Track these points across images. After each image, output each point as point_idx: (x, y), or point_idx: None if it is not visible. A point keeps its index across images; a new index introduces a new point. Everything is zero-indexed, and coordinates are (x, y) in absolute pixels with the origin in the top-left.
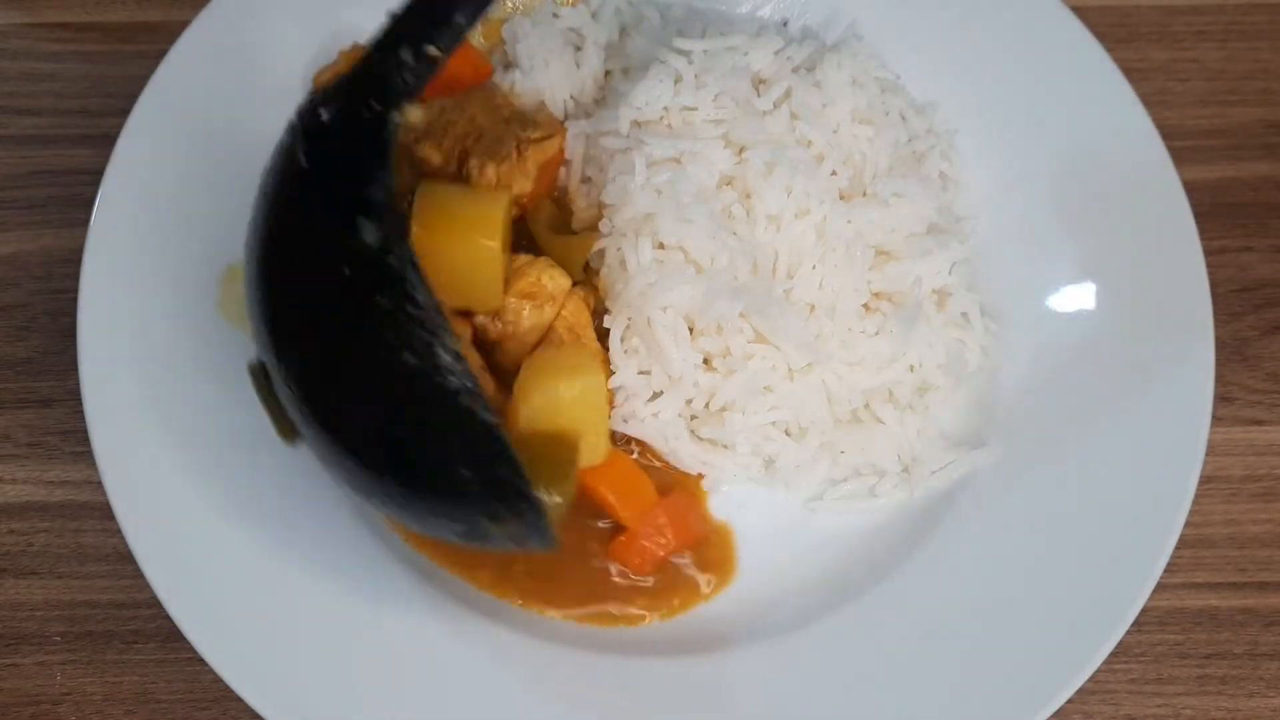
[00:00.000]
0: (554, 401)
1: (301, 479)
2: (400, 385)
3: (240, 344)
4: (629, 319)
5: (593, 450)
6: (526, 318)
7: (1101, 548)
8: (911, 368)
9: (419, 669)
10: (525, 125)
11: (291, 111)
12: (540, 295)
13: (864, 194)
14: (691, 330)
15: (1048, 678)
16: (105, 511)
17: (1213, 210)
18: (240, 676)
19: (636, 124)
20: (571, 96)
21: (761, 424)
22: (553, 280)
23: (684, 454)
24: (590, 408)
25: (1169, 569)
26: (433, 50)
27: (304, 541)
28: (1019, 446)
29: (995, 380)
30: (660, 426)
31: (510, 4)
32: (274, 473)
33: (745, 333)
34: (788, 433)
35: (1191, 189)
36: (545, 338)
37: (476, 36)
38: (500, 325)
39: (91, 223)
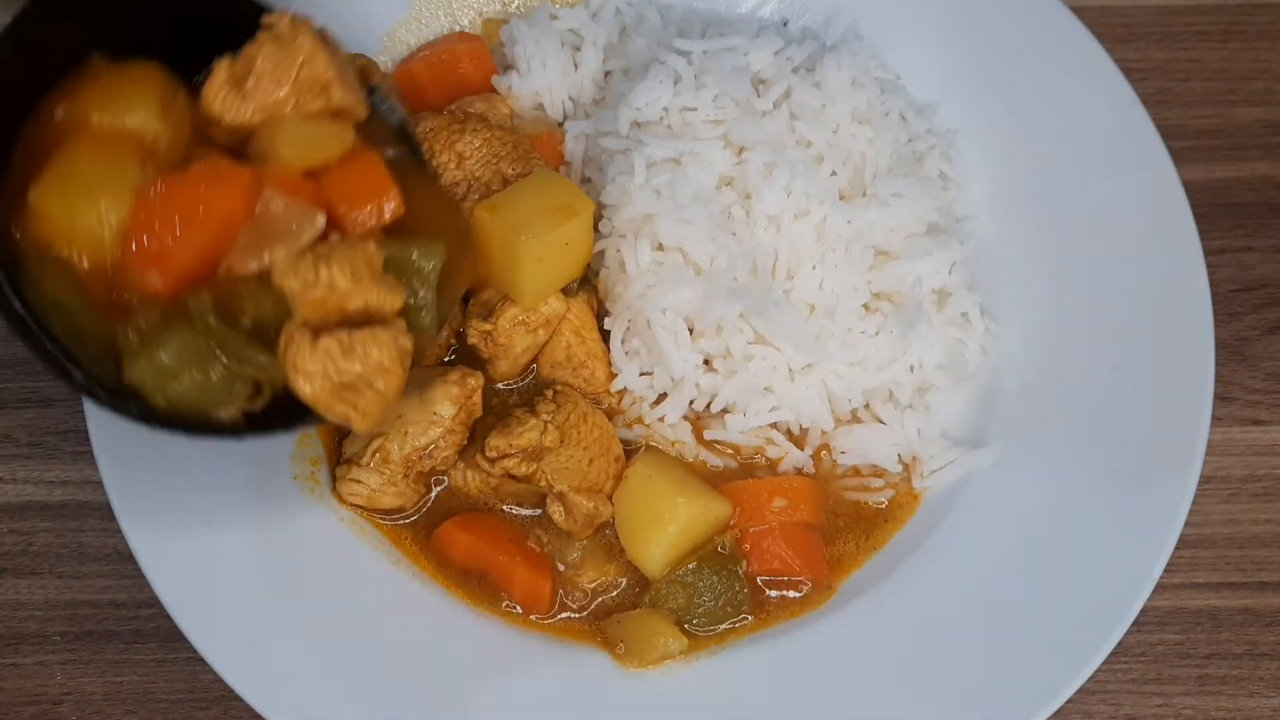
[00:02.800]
0: None
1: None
2: None
3: None
4: (629, 321)
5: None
6: (519, 340)
7: (1101, 548)
8: (911, 368)
9: (419, 668)
10: (516, 161)
11: None
12: (533, 320)
13: (864, 194)
14: (691, 331)
15: (1048, 678)
16: (105, 511)
17: (1213, 210)
18: (240, 676)
19: (636, 125)
20: (570, 97)
21: (762, 425)
22: (547, 305)
23: (690, 458)
24: None
25: (1169, 569)
26: None
27: (304, 541)
28: (1019, 446)
29: (995, 380)
30: (665, 431)
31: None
32: (275, 471)
33: (745, 333)
34: (789, 433)
35: (1192, 189)
36: (539, 356)
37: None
38: (492, 345)
39: None
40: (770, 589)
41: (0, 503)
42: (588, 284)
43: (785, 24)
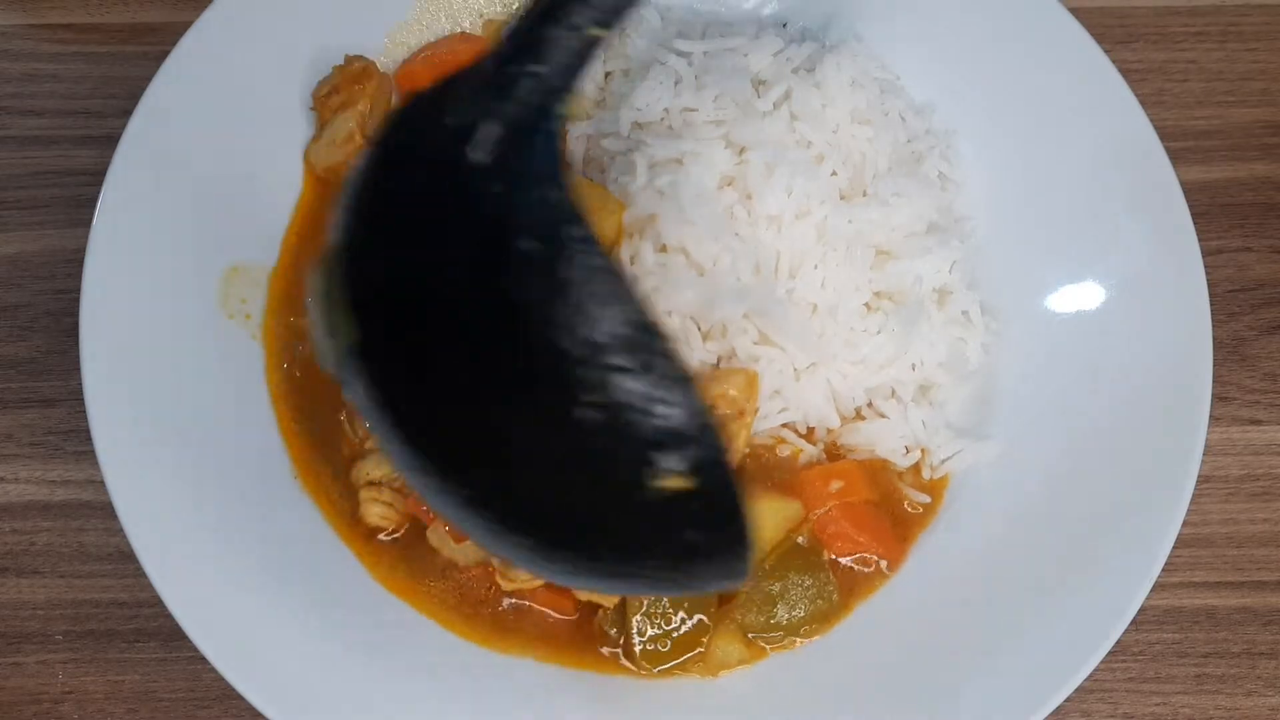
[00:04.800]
0: None
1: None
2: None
3: (242, 343)
4: None
5: None
6: None
7: (1100, 547)
8: (913, 366)
9: (420, 667)
10: None
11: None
12: None
13: (864, 194)
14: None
15: (1046, 676)
16: (107, 511)
17: (1211, 210)
18: (242, 675)
19: (637, 125)
20: None
21: (773, 427)
22: None
23: None
24: None
25: (1167, 568)
26: (595, 31)
27: (305, 540)
28: (1018, 445)
29: (993, 380)
30: None
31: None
32: (276, 471)
33: (750, 333)
34: (795, 432)
35: (1190, 189)
36: None
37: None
38: None
39: (94, 223)
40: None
41: (2, 503)
42: None
43: (785, 25)
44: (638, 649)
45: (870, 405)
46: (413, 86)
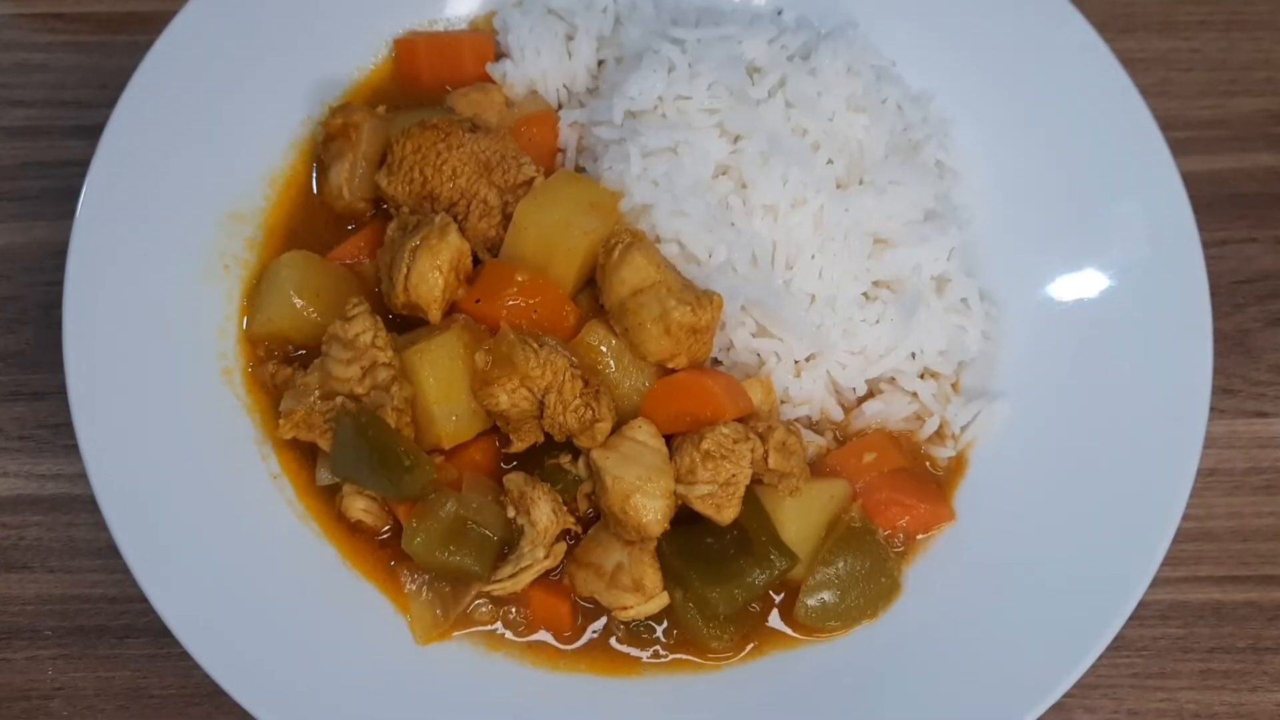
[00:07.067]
0: None
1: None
2: None
3: (231, 344)
4: None
5: None
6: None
7: (1100, 540)
8: (913, 354)
9: (408, 666)
10: (508, 171)
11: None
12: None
13: (861, 182)
14: None
15: (1047, 671)
16: (97, 505)
17: (1215, 201)
18: (229, 674)
19: (630, 114)
20: (564, 85)
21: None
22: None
23: None
24: None
25: (1171, 562)
26: None
27: (293, 537)
28: (1016, 438)
29: (994, 368)
30: None
31: None
32: (262, 466)
33: (748, 326)
34: (806, 426)
35: (1193, 180)
36: None
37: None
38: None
39: (77, 214)
40: (898, 535)
41: None
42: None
43: (780, 12)
44: (714, 645)
45: (871, 395)
46: (411, 60)
